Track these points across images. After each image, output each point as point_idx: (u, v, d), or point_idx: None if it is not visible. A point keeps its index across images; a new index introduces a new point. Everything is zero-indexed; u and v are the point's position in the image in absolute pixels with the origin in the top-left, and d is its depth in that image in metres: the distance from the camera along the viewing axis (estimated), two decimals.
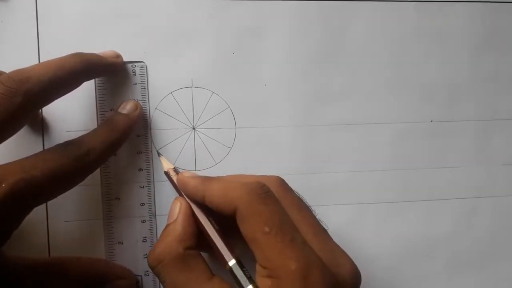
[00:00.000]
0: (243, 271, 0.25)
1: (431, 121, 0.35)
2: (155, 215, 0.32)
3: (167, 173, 0.30)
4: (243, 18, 0.32)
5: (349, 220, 0.34)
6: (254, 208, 0.24)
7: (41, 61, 0.30)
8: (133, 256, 0.31)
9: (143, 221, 0.31)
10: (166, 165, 0.31)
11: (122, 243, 0.31)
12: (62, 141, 0.26)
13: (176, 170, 0.30)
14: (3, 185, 0.22)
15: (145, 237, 0.31)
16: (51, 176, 0.23)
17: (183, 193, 0.28)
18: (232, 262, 0.25)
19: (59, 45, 0.30)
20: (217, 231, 0.27)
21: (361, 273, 0.26)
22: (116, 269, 0.29)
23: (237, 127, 0.33)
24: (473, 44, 0.35)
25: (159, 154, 0.31)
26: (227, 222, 0.25)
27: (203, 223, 0.27)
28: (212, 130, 0.32)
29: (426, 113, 0.35)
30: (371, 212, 0.34)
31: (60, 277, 0.26)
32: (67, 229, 0.31)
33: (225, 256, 0.25)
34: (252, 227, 0.23)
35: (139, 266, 0.31)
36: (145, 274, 0.31)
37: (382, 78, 0.34)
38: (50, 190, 0.24)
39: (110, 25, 0.31)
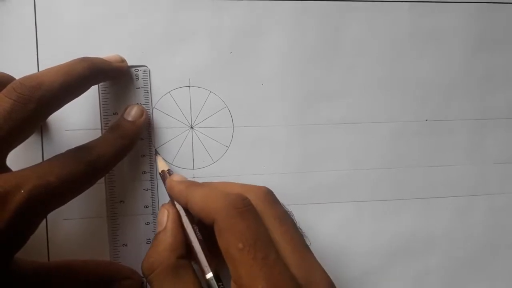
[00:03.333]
0: (219, 286, 0.24)
1: (426, 120, 0.35)
2: None
3: (161, 174, 0.31)
4: (240, 18, 0.33)
5: (345, 219, 0.34)
6: (230, 222, 0.23)
7: (39, 61, 0.30)
8: (137, 258, 0.31)
9: (147, 223, 0.32)
10: (161, 165, 0.31)
11: (126, 245, 0.31)
12: (61, 139, 0.26)
13: (170, 172, 0.30)
14: (22, 191, 0.22)
15: (149, 239, 0.32)
16: (65, 181, 0.24)
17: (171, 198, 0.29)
18: (209, 275, 0.25)
19: (57, 46, 0.31)
20: (199, 241, 0.26)
21: (357, 271, 0.26)
22: (122, 269, 0.29)
23: (234, 126, 0.33)
24: (467, 44, 0.36)
25: (156, 153, 0.32)
26: (212, 231, 0.25)
27: (187, 231, 0.27)
28: (209, 129, 0.33)
29: (421, 112, 0.35)
30: (366, 210, 0.35)
31: (67, 281, 0.27)
32: (67, 227, 0.31)
33: (203, 268, 0.25)
34: (227, 241, 0.23)
35: None
36: None
37: (377, 77, 0.34)
38: (64, 196, 0.24)
39: (108, 25, 0.31)
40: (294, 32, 0.33)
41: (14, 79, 0.27)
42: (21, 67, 0.28)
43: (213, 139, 0.33)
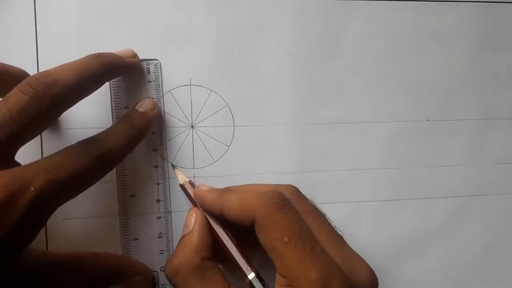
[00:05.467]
0: (263, 284, 0.25)
1: (428, 120, 0.35)
2: (170, 212, 0.32)
3: (182, 186, 0.31)
4: (241, 16, 0.33)
5: (345, 218, 0.34)
6: (272, 217, 0.24)
7: (39, 57, 0.30)
8: (148, 252, 0.31)
9: (159, 218, 0.32)
10: (182, 178, 0.31)
11: (138, 239, 0.31)
12: (61, 138, 0.26)
13: (191, 183, 0.30)
14: (32, 188, 0.21)
15: (161, 233, 0.31)
16: (75, 176, 0.23)
17: (199, 206, 0.29)
18: (251, 276, 0.25)
19: (57, 42, 0.30)
20: (234, 244, 0.27)
21: None
22: (133, 264, 0.29)
23: (235, 125, 0.33)
24: (469, 44, 0.36)
25: (174, 167, 0.32)
26: (242, 233, 0.25)
27: (220, 236, 0.27)
28: (210, 128, 0.32)
29: (422, 112, 0.35)
30: (367, 210, 0.35)
31: (78, 272, 0.26)
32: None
33: (244, 270, 0.25)
34: (271, 236, 0.23)
35: (155, 262, 0.31)
36: (161, 269, 0.31)
37: (379, 77, 0.34)
38: (74, 190, 0.24)
39: (108, 23, 0.31)
40: (295, 31, 0.33)
41: (28, 74, 0.27)
42: (20, 65, 0.28)
43: (214, 138, 0.33)
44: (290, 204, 0.25)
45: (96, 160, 0.24)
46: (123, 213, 0.31)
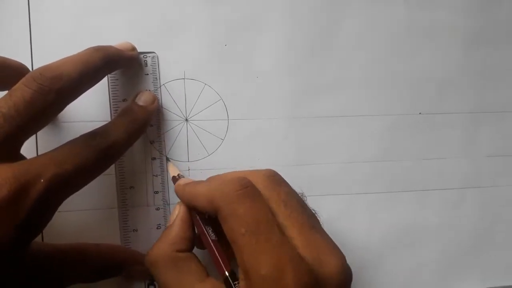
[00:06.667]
0: (234, 285, 0.24)
1: (420, 113, 0.35)
2: (169, 203, 0.32)
3: (173, 180, 0.31)
4: (236, 10, 0.33)
5: (340, 211, 0.35)
6: (231, 207, 0.23)
7: (33, 50, 0.30)
8: (147, 243, 0.31)
9: (157, 209, 0.32)
10: (172, 171, 0.31)
11: (137, 230, 0.32)
12: (58, 131, 0.26)
13: (180, 177, 0.30)
14: (42, 180, 0.22)
15: (159, 224, 0.32)
16: (81, 169, 0.23)
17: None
18: (226, 274, 0.24)
19: (51, 34, 0.30)
20: (213, 241, 0.26)
21: (352, 263, 0.26)
22: (133, 255, 0.30)
23: (229, 118, 0.33)
24: (463, 38, 0.36)
25: (168, 160, 0.32)
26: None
27: (199, 233, 0.27)
28: (204, 121, 0.33)
29: (415, 106, 0.35)
30: (361, 203, 0.35)
31: (79, 263, 0.27)
32: (64, 220, 0.31)
33: (218, 269, 0.25)
34: (231, 229, 0.22)
35: None
36: None
37: (372, 71, 0.35)
38: (80, 183, 0.24)
39: (102, 16, 0.31)
40: (290, 25, 0.33)
41: (27, 67, 0.27)
42: (14, 56, 0.28)
43: (208, 131, 0.33)
44: (253, 192, 0.23)
45: (100, 153, 0.25)
46: (122, 205, 0.31)
